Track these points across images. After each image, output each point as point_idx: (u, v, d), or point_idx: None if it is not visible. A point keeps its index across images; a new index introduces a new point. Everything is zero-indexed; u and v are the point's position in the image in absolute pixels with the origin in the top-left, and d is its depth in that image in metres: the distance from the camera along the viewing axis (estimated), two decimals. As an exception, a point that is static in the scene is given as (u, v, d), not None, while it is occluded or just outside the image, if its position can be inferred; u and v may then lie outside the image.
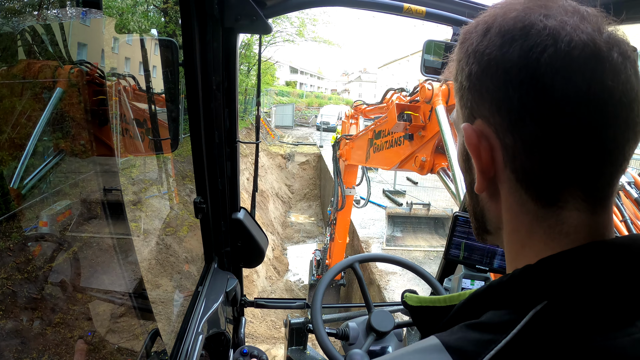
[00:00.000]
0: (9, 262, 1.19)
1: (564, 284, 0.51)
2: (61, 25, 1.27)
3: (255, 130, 2.10)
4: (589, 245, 0.53)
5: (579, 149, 0.51)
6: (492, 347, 0.49)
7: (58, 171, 1.35)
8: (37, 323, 1.26)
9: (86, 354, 1.32)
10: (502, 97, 0.53)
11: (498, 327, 0.51)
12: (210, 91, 1.64)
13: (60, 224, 1.39)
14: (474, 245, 1.80)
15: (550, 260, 0.53)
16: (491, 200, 0.62)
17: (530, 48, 0.51)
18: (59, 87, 1.22)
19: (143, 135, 1.78)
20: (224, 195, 1.90)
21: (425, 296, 0.77)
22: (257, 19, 1.57)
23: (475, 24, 0.59)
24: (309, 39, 24.76)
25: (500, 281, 0.56)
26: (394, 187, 13.79)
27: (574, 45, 0.50)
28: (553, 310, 0.50)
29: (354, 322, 1.91)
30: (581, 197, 0.54)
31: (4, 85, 1.13)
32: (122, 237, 1.69)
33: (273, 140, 24.50)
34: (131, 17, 4.37)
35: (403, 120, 3.62)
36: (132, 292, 1.67)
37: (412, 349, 0.56)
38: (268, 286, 11.95)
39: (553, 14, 0.52)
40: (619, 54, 0.51)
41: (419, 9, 1.60)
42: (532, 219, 0.57)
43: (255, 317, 9.51)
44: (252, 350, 1.91)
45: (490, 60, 0.54)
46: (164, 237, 4.28)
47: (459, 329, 0.55)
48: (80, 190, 1.57)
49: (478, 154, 0.58)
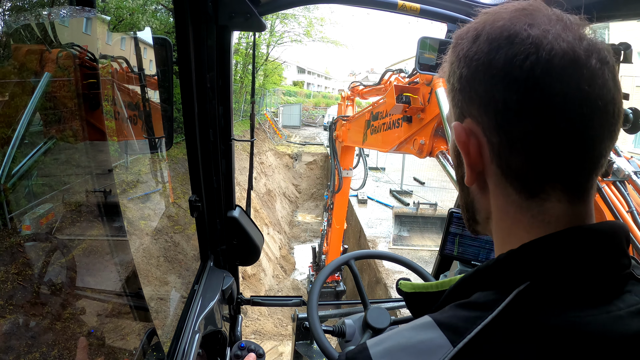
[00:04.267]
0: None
1: (544, 266, 0.56)
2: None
3: (250, 129, 2.10)
4: (567, 231, 0.58)
5: (558, 147, 0.56)
6: (479, 323, 0.54)
7: (47, 162, 1.35)
8: (32, 323, 1.26)
9: (83, 354, 1.32)
10: (489, 99, 0.58)
11: (484, 305, 0.56)
12: (205, 89, 1.64)
13: (45, 226, 1.39)
14: (468, 242, 1.80)
15: (531, 244, 0.58)
16: (480, 193, 0.68)
17: (514, 55, 0.55)
18: (46, 71, 1.20)
19: (136, 118, 1.77)
20: (219, 194, 1.90)
21: (419, 283, 0.82)
22: (251, 16, 1.57)
23: (467, 30, 0.63)
24: (317, 39, 24.79)
25: (487, 265, 0.61)
26: (401, 187, 13.76)
27: (554, 53, 0.54)
28: (534, 289, 0.55)
29: (350, 319, 1.91)
30: (561, 190, 0.58)
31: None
32: (117, 235, 1.69)
33: (280, 139, 24.51)
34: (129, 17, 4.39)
35: (402, 102, 3.52)
36: (128, 291, 1.67)
37: (407, 326, 0.61)
38: (275, 284, 11.99)
39: (537, 23, 0.56)
40: (598, 60, 0.55)
41: (413, 6, 1.59)
42: (517, 210, 0.62)
43: (262, 314, 9.54)
44: (250, 345, 1.92)
45: (479, 65, 0.59)
46: (160, 236, 4.30)
47: (449, 309, 0.60)
48: (69, 191, 1.57)
49: (467, 150, 0.63)
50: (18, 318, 1.21)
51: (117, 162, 2.06)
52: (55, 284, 1.41)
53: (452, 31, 1.66)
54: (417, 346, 0.57)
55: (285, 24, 23.71)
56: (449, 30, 1.67)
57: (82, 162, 1.54)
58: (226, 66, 1.69)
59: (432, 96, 3.33)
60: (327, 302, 5.57)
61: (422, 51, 1.71)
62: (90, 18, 1.43)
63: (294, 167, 22.16)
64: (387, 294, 7.98)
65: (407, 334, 0.59)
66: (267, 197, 16.27)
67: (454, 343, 0.54)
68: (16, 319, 1.21)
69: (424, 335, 0.57)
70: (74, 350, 1.33)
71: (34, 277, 1.30)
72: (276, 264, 13.09)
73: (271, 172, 18.70)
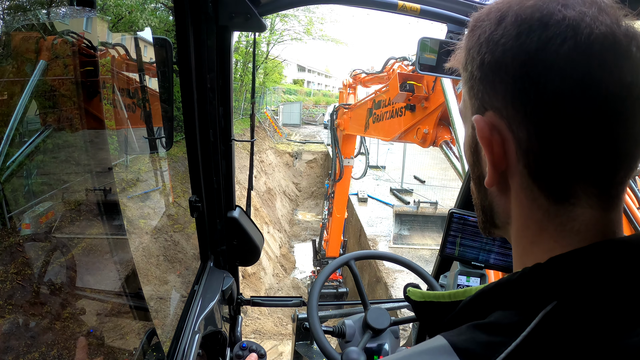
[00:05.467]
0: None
1: (574, 284, 0.49)
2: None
3: (250, 128, 2.10)
4: (600, 244, 0.51)
5: (594, 146, 0.50)
6: (502, 350, 0.47)
7: (45, 158, 1.34)
8: (32, 323, 1.26)
9: (82, 354, 1.32)
10: (517, 89, 0.52)
11: (507, 328, 0.50)
12: (205, 89, 1.64)
13: (45, 225, 1.39)
14: (469, 243, 1.80)
15: (560, 258, 0.51)
16: (501, 195, 0.61)
17: (548, 39, 0.49)
18: (42, 59, 1.19)
19: (134, 106, 1.76)
20: (219, 194, 1.90)
21: (429, 291, 0.76)
22: (251, 16, 1.56)
23: (488, 11, 0.56)
24: (317, 37, 24.76)
25: (509, 279, 0.54)
26: (402, 185, 13.75)
27: (594, 37, 0.48)
28: (563, 311, 0.48)
29: (350, 319, 1.91)
30: (595, 194, 0.52)
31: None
32: (117, 235, 1.69)
33: (280, 138, 24.53)
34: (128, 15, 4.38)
35: (405, 91, 3.48)
36: (128, 291, 1.68)
37: (419, 349, 0.55)
38: (275, 283, 12.01)
39: (571, 4, 0.50)
40: (637, 47, 0.49)
41: (413, 6, 1.59)
42: (543, 215, 0.55)
43: (262, 313, 9.56)
44: (251, 345, 1.93)
45: (506, 50, 0.52)
46: (160, 236, 4.30)
47: (466, 329, 0.54)
48: (68, 189, 1.57)
49: (490, 147, 0.56)
50: (17, 318, 1.21)
51: (118, 161, 2.06)
52: (55, 284, 1.41)
53: (453, 32, 1.66)
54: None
55: (286, 22, 23.72)
56: (450, 31, 1.67)
57: (81, 160, 1.54)
58: (226, 66, 1.69)
59: (437, 85, 3.28)
60: (327, 303, 5.58)
61: (422, 52, 1.71)
62: (91, 18, 1.43)
63: (294, 166, 22.18)
64: (387, 293, 7.98)
65: (420, 358, 0.54)
66: (268, 195, 16.28)
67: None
68: (15, 319, 1.21)
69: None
70: (73, 350, 1.33)
71: (32, 276, 1.30)
72: (276, 262, 13.11)
73: (271, 171, 18.70)
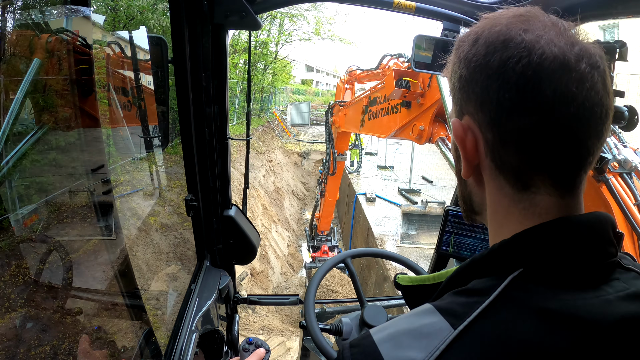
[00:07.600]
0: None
1: (535, 253, 0.60)
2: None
3: (245, 127, 2.10)
4: (556, 221, 0.62)
5: (547, 144, 0.60)
6: (477, 307, 0.58)
7: (38, 157, 1.34)
8: (28, 323, 1.27)
9: (80, 354, 1.33)
10: (485, 98, 0.63)
11: (481, 291, 0.60)
12: (200, 88, 1.64)
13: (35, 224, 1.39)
14: (464, 240, 1.80)
15: (523, 234, 0.62)
16: (477, 185, 0.73)
17: (508, 58, 0.60)
18: (36, 57, 1.19)
19: (130, 104, 1.76)
20: (215, 193, 1.90)
21: (416, 276, 0.87)
22: (246, 15, 1.56)
23: (468, 34, 0.68)
24: (325, 37, 24.72)
25: (482, 255, 0.65)
26: (409, 185, 13.68)
27: (545, 57, 0.58)
28: (528, 275, 0.60)
29: (347, 317, 1.91)
30: (551, 184, 0.63)
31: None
32: (114, 235, 1.69)
33: (289, 138, 24.56)
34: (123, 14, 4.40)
35: (401, 87, 3.47)
36: (125, 291, 1.68)
37: (408, 314, 0.65)
38: (283, 282, 12.03)
39: (532, 29, 0.61)
40: (588, 64, 0.59)
41: (409, 4, 1.57)
42: (510, 202, 0.66)
43: (269, 310, 9.56)
44: (257, 341, 1.94)
45: (476, 66, 0.64)
46: (157, 235, 4.31)
47: (448, 296, 0.65)
48: (64, 190, 1.57)
49: (463, 145, 0.68)
50: (14, 318, 1.22)
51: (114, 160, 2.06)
52: (53, 283, 1.41)
53: (448, 29, 1.65)
54: (419, 330, 0.60)
55: (294, 23, 23.73)
56: (445, 29, 1.65)
57: (76, 159, 1.55)
58: (222, 65, 1.69)
59: (433, 81, 3.27)
60: (325, 301, 5.58)
61: (417, 49, 1.69)
62: (85, 17, 1.44)
63: (303, 165, 22.19)
64: (394, 290, 7.96)
65: (409, 320, 0.63)
66: (276, 195, 16.31)
67: (454, 326, 0.57)
68: (12, 319, 1.21)
69: (425, 320, 0.61)
70: (70, 350, 1.34)
71: (28, 277, 1.30)
72: (284, 261, 13.12)
73: (280, 170, 18.74)
